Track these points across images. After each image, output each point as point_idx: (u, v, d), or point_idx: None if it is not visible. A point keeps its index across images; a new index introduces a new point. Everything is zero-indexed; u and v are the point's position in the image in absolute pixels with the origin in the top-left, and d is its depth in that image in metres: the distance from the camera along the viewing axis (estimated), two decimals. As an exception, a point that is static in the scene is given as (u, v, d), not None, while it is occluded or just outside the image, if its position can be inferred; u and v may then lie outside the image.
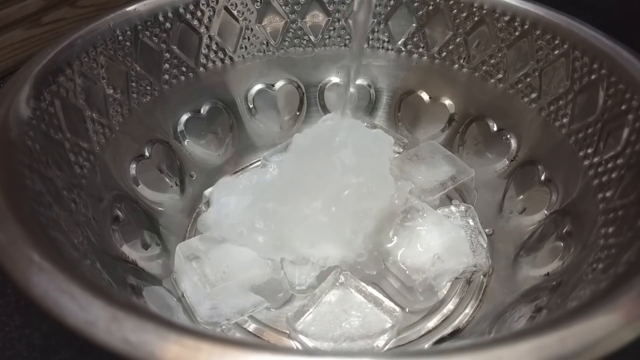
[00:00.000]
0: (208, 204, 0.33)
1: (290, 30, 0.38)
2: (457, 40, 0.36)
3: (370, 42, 0.38)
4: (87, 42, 0.29)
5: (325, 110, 0.40)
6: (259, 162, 0.37)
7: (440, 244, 0.28)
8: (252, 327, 0.28)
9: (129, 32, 0.32)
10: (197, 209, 0.34)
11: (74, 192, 0.26)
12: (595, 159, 0.28)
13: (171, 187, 0.34)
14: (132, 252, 0.28)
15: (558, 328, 0.17)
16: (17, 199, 0.21)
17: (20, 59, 0.42)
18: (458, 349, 0.17)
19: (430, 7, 0.36)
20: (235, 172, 0.38)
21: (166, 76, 0.34)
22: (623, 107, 0.27)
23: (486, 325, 0.27)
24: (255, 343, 0.17)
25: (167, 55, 0.34)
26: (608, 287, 0.20)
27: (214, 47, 0.36)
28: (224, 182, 0.31)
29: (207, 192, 0.34)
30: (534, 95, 0.33)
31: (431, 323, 0.28)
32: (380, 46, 0.38)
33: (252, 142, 0.39)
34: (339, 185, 0.28)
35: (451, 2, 0.35)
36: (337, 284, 0.28)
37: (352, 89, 0.29)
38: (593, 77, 0.29)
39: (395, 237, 0.29)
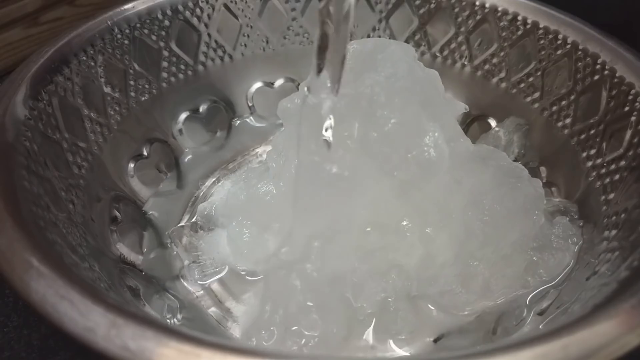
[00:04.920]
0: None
1: (291, 27, 0.37)
2: (459, 38, 0.36)
3: (371, 39, 0.38)
4: (85, 40, 0.29)
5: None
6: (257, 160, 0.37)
7: None
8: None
9: (127, 30, 0.31)
10: (191, 200, 0.34)
11: (72, 193, 0.26)
12: (598, 161, 0.28)
13: (169, 186, 0.34)
14: (130, 252, 0.28)
15: (561, 335, 0.17)
16: (15, 202, 0.21)
17: (18, 58, 0.41)
18: (459, 357, 0.17)
19: (432, 5, 0.36)
20: (233, 160, 0.37)
21: (165, 74, 0.34)
22: (626, 109, 0.27)
23: (491, 320, 0.27)
24: (256, 349, 0.17)
25: (166, 53, 0.33)
26: (611, 293, 0.20)
27: (213, 44, 0.35)
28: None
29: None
30: (536, 95, 0.33)
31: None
32: (381, 44, 0.38)
33: (251, 141, 0.38)
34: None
35: (453, 1, 0.35)
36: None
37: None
38: (596, 77, 0.29)
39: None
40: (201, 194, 0.34)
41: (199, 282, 0.28)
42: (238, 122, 0.38)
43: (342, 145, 0.24)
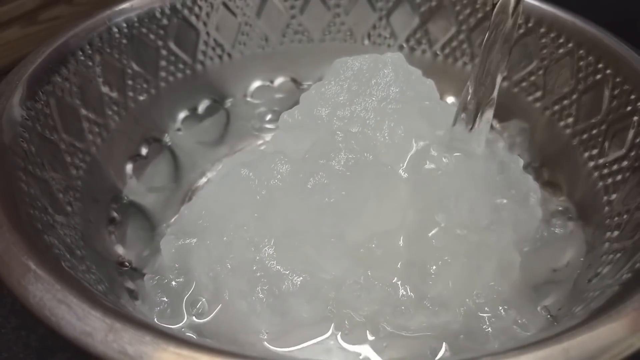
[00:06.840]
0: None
1: (290, 25, 0.37)
2: (461, 37, 0.35)
3: (371, 38, 0.38)
4: (83, 40, 0.29)
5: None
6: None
7: None
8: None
9: (125, 29, 0.31)
10: (187, 195, 0.34)
11: (69, 194, 0.26)
12: (600, 161, 0.28)
13: (168, 186, 0.33)
14: (129, 254, 0.28)
15: (561, 339, 0.17)
16: (13, 204, 0.21)
17: (16, 58, 0.41)
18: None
19: (434, 3, 0.35)
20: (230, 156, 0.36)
21: (163, 74, 0.33)
22: (628, 109, 0.27)
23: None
24: (254, 355, 0.17)
25: (164, 52, 0.33)
26: (613, 295, 0.20)
27: (212, 43, 0.35)
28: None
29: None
30: (538, 94, 0.33)
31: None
32: (382, 42, 0.38)
33: (250, 140, 0.38)
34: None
35: (454, -1, 0.35)
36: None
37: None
38: (598, 77, 0.29)
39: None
40: (198, 189, 0.34)
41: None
42: (236, 120, 0.37)
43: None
